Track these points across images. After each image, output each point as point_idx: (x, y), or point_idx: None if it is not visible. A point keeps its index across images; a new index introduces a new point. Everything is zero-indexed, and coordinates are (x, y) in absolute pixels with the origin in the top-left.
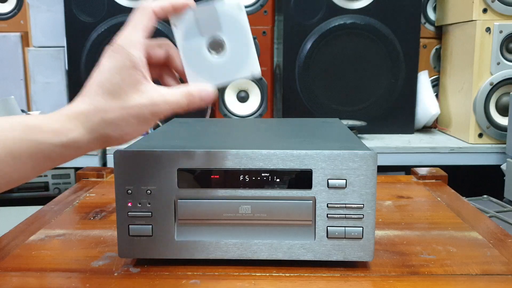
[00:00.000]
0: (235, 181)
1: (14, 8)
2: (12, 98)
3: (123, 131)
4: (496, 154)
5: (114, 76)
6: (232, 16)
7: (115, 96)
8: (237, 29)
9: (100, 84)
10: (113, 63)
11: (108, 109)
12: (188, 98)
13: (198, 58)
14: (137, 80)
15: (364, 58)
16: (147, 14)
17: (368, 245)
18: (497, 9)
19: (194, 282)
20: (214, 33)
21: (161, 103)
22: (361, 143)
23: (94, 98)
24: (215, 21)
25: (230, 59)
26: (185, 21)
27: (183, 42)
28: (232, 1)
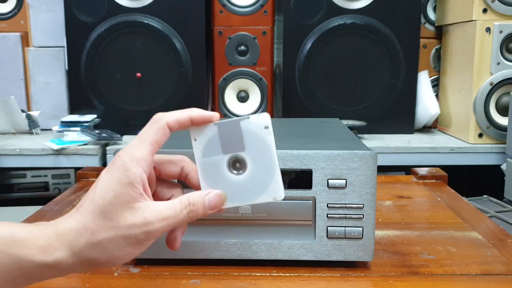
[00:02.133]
0: None
1: (14, 8)
2: (12, 98)
3: (111, 254)
4: (496, 154)
5: (107, 193)
6: (258, 136)
7: (105, 215)
8: (262, 150)
9: (93, 200)
10: (109, 179)
11: (95, 229)
12: (189, 208)
13: (216, 177)
14: (132, 197)
15: (364, 58)
16: (160, 128)
17: (368, 245)
18: (497, 9)
19: (194, 282)
20: (237, 152)
21: (155, 221)
22: (361, 143)
23: (84, 215)
24: (239, 139)
25: (251, 181)
26: (207, 136)
27: (202, 158)
28: (259, 120)
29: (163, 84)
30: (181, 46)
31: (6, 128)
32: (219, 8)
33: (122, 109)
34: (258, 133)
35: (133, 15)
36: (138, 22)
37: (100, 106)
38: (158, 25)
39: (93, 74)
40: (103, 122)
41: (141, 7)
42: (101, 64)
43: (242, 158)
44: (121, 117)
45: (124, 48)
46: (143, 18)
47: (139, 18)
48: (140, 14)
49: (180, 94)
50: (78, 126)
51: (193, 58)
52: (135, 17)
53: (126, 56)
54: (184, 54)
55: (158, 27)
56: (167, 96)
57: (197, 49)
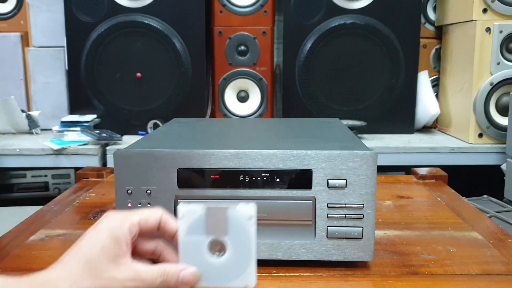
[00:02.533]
0: (235, 181)
1: (14, 8)
2: (12, 98)
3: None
4: (496, 154)
5: (96, 245)
6: (242, 225)
7: (90, 265)
8: (243, 239)
9: (79, 251)
10: (99, 233)
11: (79, 277)
12: (163, 278)
13: (195, 255)
14: (117, 253)
15: (364, 58)
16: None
17: (368, 245)
18: (497, 9)
19: None
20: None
21: (134, 279)
22: (361, 143)
23: (68, 264)
24: (223, 224)
25: (228, 265)
26: (194, 216)
27: (185, 236)
28: (246, 210)
29: (163, 84)
30: (181, 46)
31: (6, 128)
32: (219, 8)
33: (122, 109)
34: (242, 223)
35: (133, 15)
36: (138, 22)
37: (100, 106)
38: (158, 25)
39: (93, 74)
40: (103, 122)
41: (141, 7)
42: (101, 64)
43: (223, 242)
44: (121, 117)
45: (124, 48)
46: (143, 18)
47: (139, 18)
48: (140, 14)
49: (180, 94)
50: (78, 126)
51: (193, 58)
52: (135, 17)
53: (126, 56)
54: (184, 54)
55: (158, 27)
56: (167, 96)
57: (197, 49)
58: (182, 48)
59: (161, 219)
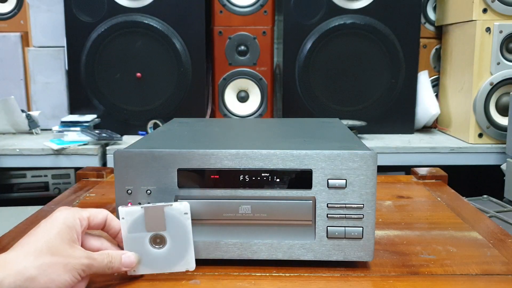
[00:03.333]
0: (235, 181)
1: (14, 8)
2: (12, 98)
3: (50, 278)
4: (496, 154)
5: (51, 230)
6: (177, 220)
7: (49, 246)
8: (180, 231)
9: (36, 236)
10: (53, 222)
11: (39, 254)
12: (108, 259)
13: (139, 249)
14: (71, 237)
15: (364, 58)
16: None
17: (368, 245)
18: (497, 9)
19: (194, 282)
20: (158, 231)
21: (89, 258)
22: (361, 143)
23: (26, 246)
24: (161, 221)
25: (169, 254)
26: (133, 216)
27: (128, 234)
28: (180, 207)
29: (163, 84)
30: (181, 46)
31: (6, 128)
32: (219, 8)
33: (122, 109)
34: (178, 218)
35: (133, 15)
36: (138, 22)
37: (100, 106)
38: (158, 25)
39: (93, 74)
40: (103, 122)
41: (141, 7)
42: (101, 64)
43: (162, 235)
44: (121, 117)
45: (124, 48)
46: (143, 18)
47: (139, 18)
48: (140, 14)
49: (180, 94)
50: (78, 126)
51: (193, 58)
52: (135, 17)
53: (126, 56)
54: (184, 54)
55: (158, 27)
56: (167, 96)
57: (197, 49)
58: (182, 48)
59: (107, 218)
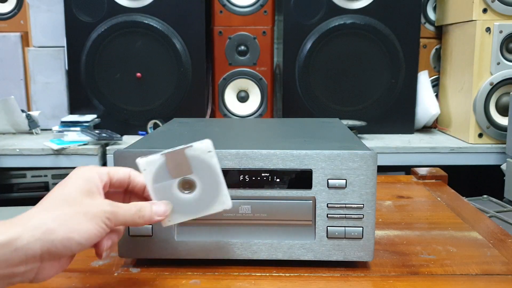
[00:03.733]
0: (235, 181)
1: (14, 8)
2: (12, 98)
3: (69, 227)
4: (496, 154)
5: (68, 186)
6: (202, 160)
7: (66, 199)
8: (208, 171)
9: (53, 193)
10: (71, 178)
11: (57, 207)
12: (137, 207)
13: (169, 198)
14: (91, 190)
15: (364, 58)
16: (121, 169)
17: (368, 245)
18: (497, 9)
19: (194, 282)
20: (185, 176)
21: (112, 205)
22: (361, 143)
23: (44, 203)
24: (185, 165)
25: (201, 197)
26: (155, 165)
27: (154, 184)
28: (202, 146)
29: (163, 84)
30: (181, 46)
31: (6, 128)
32: (219, 8)
33: (122, 109)
34: (202, 157)
35: (133, 15)
36: (138, 22)
37: (100, 106)
38: (158, 25)
39: (93, 74)
40: (103, 122)
41: (141, 7)
42: (101, 64)
43: (190, 179)
44: (121, 117)
45: (124, 48)
46: (143, 18)
47: (139, 18)
48: (140, 14)
49: (180, 94)
50: (78, 126)
51: (193, 58)
52: (135, 17)
53: (126, 56)
54: (184, 54)
55: (158, 27)
56: (167, 96)
57: (197, 49)
58: (182, 48)
59: (130, 173)
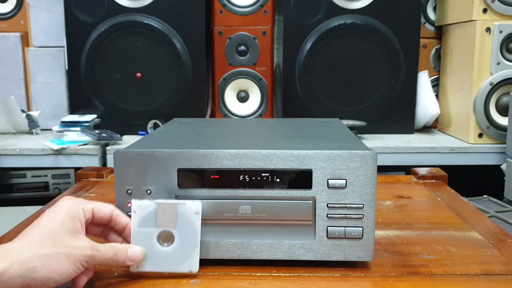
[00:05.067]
0: (235, 181)
1: (14, 8)
2: (12, 98)
3: (52, 268)
4: (496, 154)
5: (55, 221)
6: (188, 219)
7: (51, 236)
8: (190, 231)
9: (39, 226)
10: (57, 212)
11: (41, 244)
12: (114, 251)
13: (145, 244)
14: (75, 228)
15: (364, 58)
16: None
17: (368, 245)
18: (497, 9)
19: (194, 282)
20: (168, 228)
21: (92, 249)
22: (361, 143)
23: (29, 236)
24: (172, 218)
25: (174, 253)
26: (146, 210)
27: (137, 227)
28: (193, 206)
29: (163, 84)
30: (181, 46)
31: (6, 128)
32: (219, 8)
33: (122, 109)
34: (189, 217)
35: (133, 15)
36: (138, 22)
37: (100, 106)
38: (158, 25)
39: (93, 74)
40: (103, 122)
41: (141, 7)
42: (101, 64)
43: (171, 233)
44: (121, 117)
45: (124, 48)
46: (143, 18)
47: (139, 18)
48: (140, 14)
49: (180, 94)
50: (78, 126)
51: (193, 58)
52: (135, 17)
53: (126, 56)
54: (184, 54)
55: (158, 27)
56: (167, 96)
57: (197, 49)
58: (182, 48)
59: (113, 213)
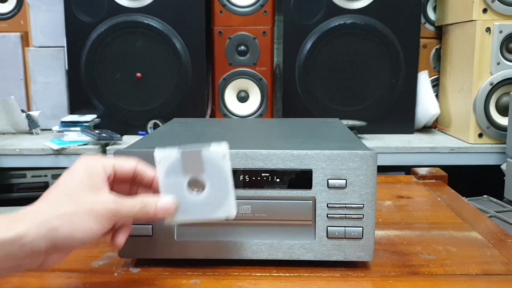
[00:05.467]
0: (235, 181)
1: (14, 8)
2: (12, 98)
3: (74, 226)
4: (496, 154)
5: (72, 180)
6: (216, 163)
7: (71, 195)
8: (219, 175)
9: (57, 187)
10: (75, 171)
11: (61, 203)
12: (142, 205)
13: (177, 194)
14: (95, 184)
15: (364, 58)
16: (125, 160)
17: (368, 245)
18: (497, 9)
19: (194, 282)
20: (196, 175)
21: (116, 202)
22: (361, 143)
23: (48, 197)
24: (199, 164)
25: (207, 200)
26: (170, 159)
27: (164, 178)
28: (218, 149)
29: (163, 84)
30: (181, 46)
31: (6, 128)
32: (219, 8)
33: (122, 109)
34: (216, 161)
35: (133, 15)
36: (138, 22)
37: (100, 106)
38: (158, 25)
39: (93, 74)
40: (103, 122)
41: (141, 7)
42: (101, 64)
43: (200, 180)
44: (121, 117)
45: (124, 48)
46: (143, 18)
47: (139, 18)
48: (140, 14)
49: (180, 94)
50: (78, 126)
51: (193, 58)
52: (135, 17)
53: (126, 56)
54: (184, 54)
55: (158, 27)
56: (167, 96)
57: (197, 49)
58: (182, 48)
59: (137, 167)
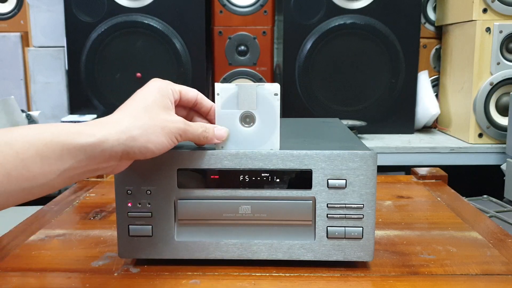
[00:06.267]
0: (235, 181)
1: (14, 8)
2: (12, 98)
3: (149, 138)
4: (496, 154)
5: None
6: (267, 100)
7: (146, 110)
8: (269, 111)
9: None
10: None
11: (139, 116)
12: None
13: (229, 125)
14: (167, 104)
15: (364, 58)
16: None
17: (368, 245)
18: (497, 9)
19: (194, 282)
20: (249, 109)
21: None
22: (361, 143)
23: (127, 109)
24: (253, 100)
25: (256, 133)
26: (228, 93)
27: (221, 109)
28: (271, 87)
29: None
30: (181, 46)
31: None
32: (219, 8)
33: None
34: (268, 98)
35: (133, 15)
36: (138, 22)
37: (100, 106)
38: (158, 25)
39: (93, 74)
40: None
41: (141, 7)
42: (101, 64)
43: (252, 114)
44: None
45: (124, 48)
46: (143, 18)
47: (139, 18)
48: (140, 14)
49: None
50: None
51: (193, 58)
52: (135, 17)
53: (126, 56)
54: (184, 54)
55: (158, 27)
56: None
57: (197, 49)
58: (182, 48)
59: (198, 96)
